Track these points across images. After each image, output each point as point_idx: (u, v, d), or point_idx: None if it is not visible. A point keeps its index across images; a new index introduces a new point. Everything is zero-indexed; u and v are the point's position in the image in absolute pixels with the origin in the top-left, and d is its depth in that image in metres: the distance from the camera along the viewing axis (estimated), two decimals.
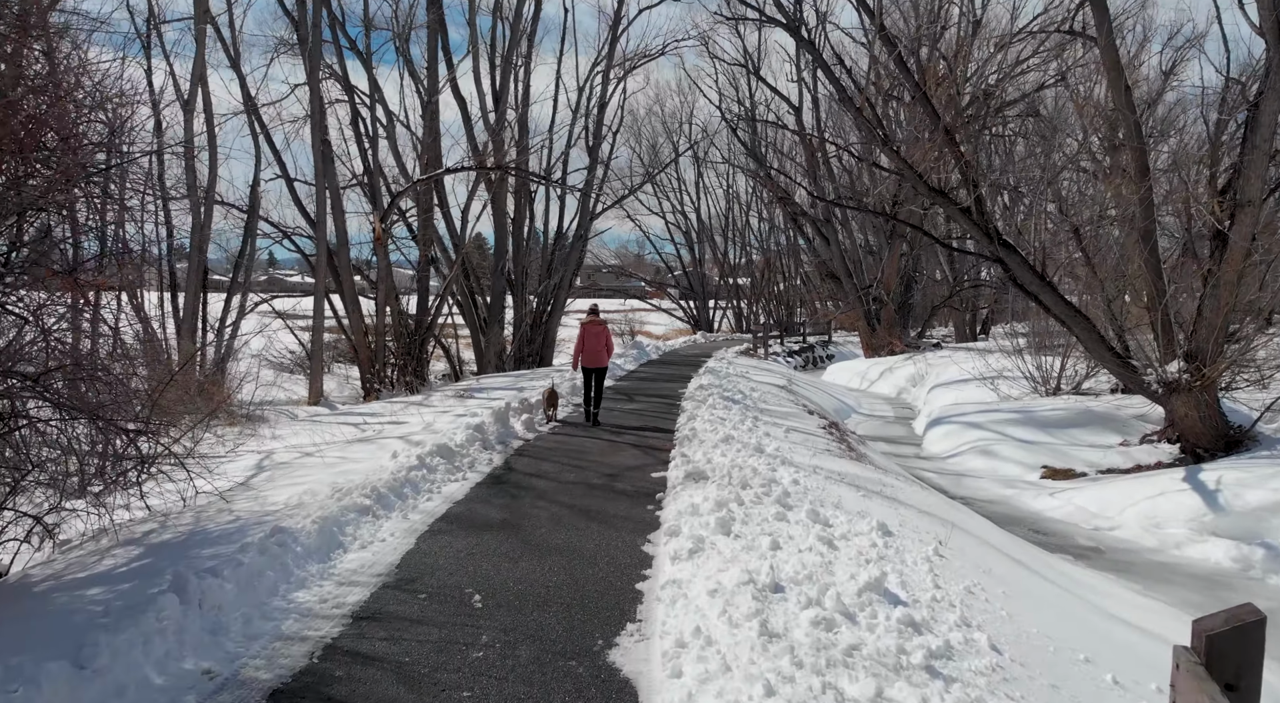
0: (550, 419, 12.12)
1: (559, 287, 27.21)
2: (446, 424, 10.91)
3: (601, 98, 27.17)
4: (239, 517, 6.30)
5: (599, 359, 12.03)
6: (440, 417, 13.00)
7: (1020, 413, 16.33)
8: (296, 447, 10.85)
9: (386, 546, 5.75)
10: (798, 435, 11.01)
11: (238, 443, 12.34)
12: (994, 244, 13.03)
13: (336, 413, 17.00)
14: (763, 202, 51.17)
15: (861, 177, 34.28)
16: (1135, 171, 13.23)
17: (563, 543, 5.89)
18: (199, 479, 6.87)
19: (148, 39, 18.95)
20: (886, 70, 25.40)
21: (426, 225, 22.63)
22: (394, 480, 6.99)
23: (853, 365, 30.70)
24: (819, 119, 33.54)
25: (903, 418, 20.72)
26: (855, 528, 6.20)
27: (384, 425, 12.89)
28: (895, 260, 31.29)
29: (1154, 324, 13.36)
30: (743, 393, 14.81)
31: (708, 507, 6.19)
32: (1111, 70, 13.19)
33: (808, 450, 9.75)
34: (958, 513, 8.64)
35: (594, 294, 66.97)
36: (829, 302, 47.17)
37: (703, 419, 10.96)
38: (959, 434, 16.17)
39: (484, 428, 9.78)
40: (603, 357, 12.07)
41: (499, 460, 8.90)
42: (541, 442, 10.31)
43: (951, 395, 19.73)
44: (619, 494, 7.43)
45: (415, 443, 9.49)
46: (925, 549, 6.04)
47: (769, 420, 11.96)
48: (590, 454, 9.45)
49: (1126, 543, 10.34)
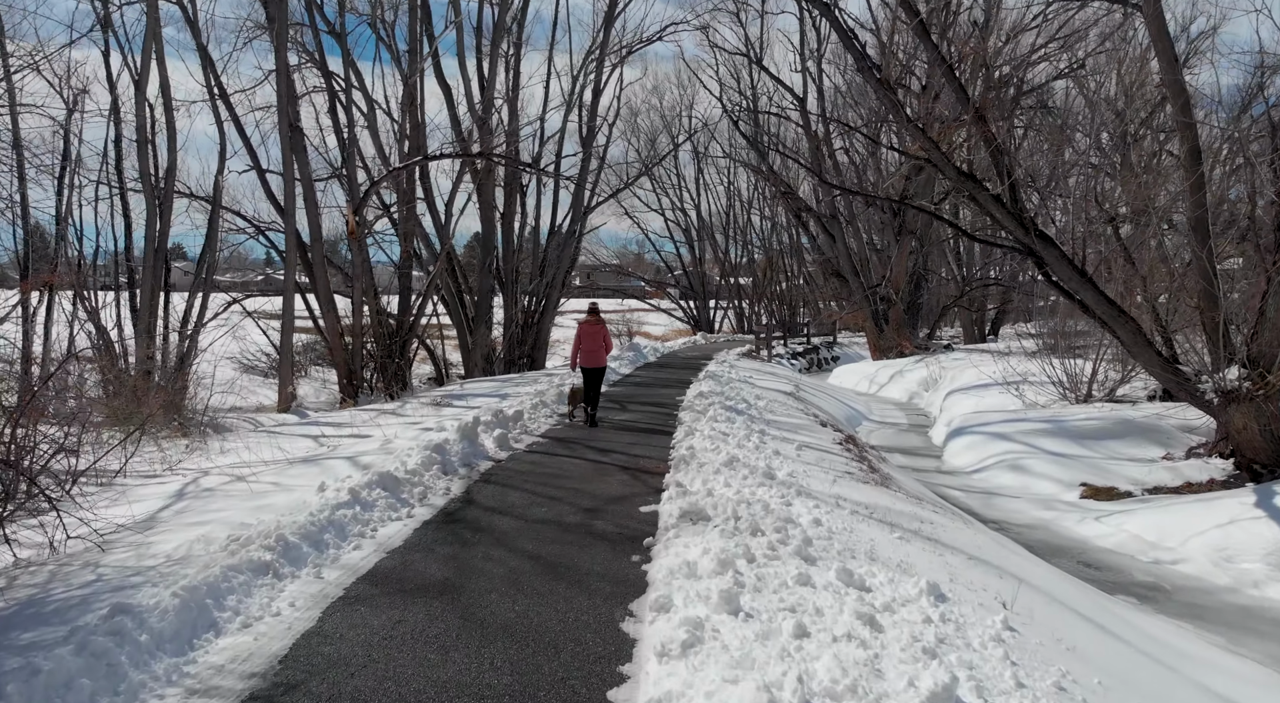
0: (574, 418, 12.25)
1: (551, 285, 25.72)
2: (407, 441, 9.47)
3: (596, 85, 25.69)
4: (101, 576, 4.87)
5: (597, 359, 11.79)
6: (407, 430, 11.56)
7: (1050, 422, 14.88)
8: (237, 466, 9.41)
9: (279, 623, 4.30)
10: (811, 454, 9.56)
11: (177, 461, 10.93)
12: (1029, 235, 11.58)
13: (303, 422, 15.60)
14: (765, 198, 49.71)
15: (868, 172, 32.87)
16: (1186, 155, 11.80)
17: (516, 618, 4.43)
18: (105, 511, 5.44)
19: (105, 18, 17.50)
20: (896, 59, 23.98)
21: (409, 219, 21.18)
22: (312, 524, 5.53)
23: (860, 368, 29.24)
24: (824, 111, 32.07)
25: (917, 426, 19.27)
26: (900, 592, 4.76)
27: (342, 440, 11.46)
28: (904, 258, 29.82)
29: (1205, 325, 11.95)
30: (747, 401, 13.35)
31: (708, 565, 4.74)
32: (1159, 40, 11.75)
33: (825, 474, 8.30)
34: (1007, 554, 7.19)
35: (593, 294, 65.52)
36: (833, 301, 45.74)
37: (702, 435, 9.51)
38: (984, 446, 14.72)
39: (446, 448, 8.32)
40: (600, 357, 11.81)
41: (458, 489, 7.43)
42: (515, 463, 8.84)
43: (971, 402, 18.27)
44: (598, 538, 5.95)
45: (363, 466, 8.05)
46: (992, 621, 4.60)
47: (778, 435, 10.51)
48: (569, 479, 7.99)
49: (1194, 580, 8.89)
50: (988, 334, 38.89)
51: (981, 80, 11.59)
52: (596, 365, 11.85)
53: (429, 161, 18.99)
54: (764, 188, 47.60)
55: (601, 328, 11.87)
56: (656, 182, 48.55)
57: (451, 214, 21.57)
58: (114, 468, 9.56)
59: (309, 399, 23.28)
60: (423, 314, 22.03)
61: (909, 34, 26.80)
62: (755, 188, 49.37)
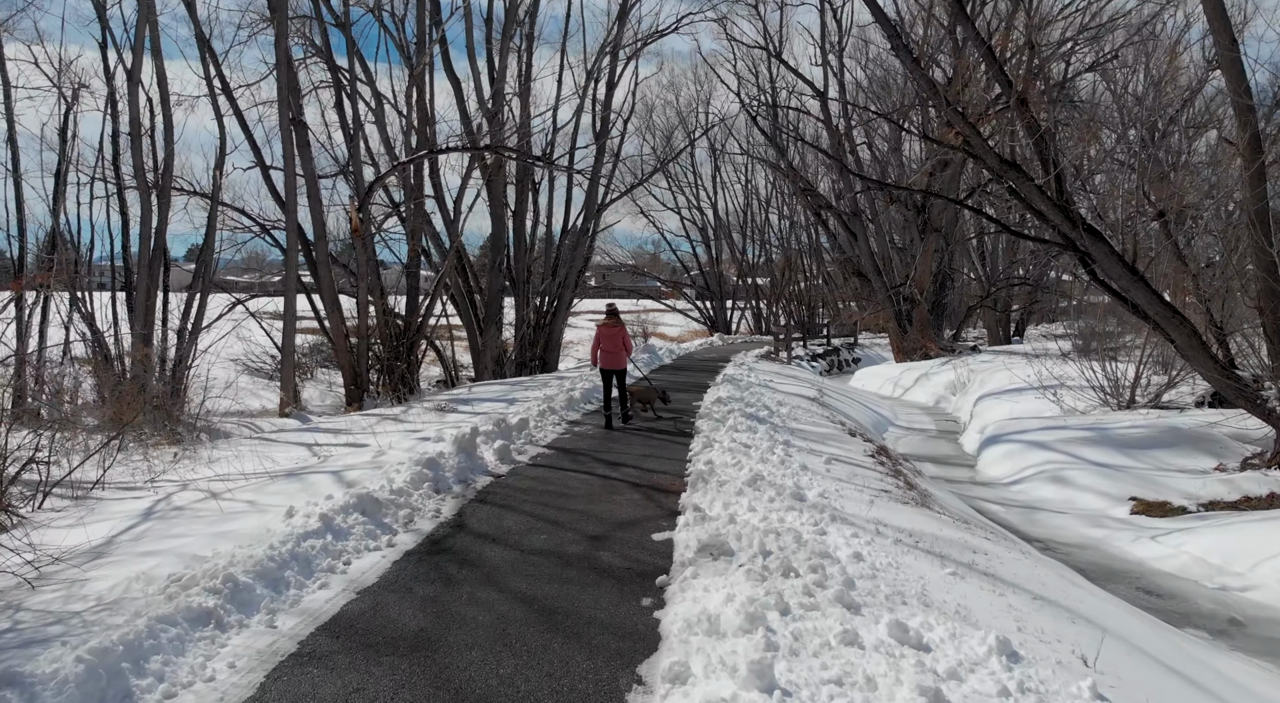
0: (647, 414, 12.54)
1: (564, 284, 24.93)
2: (401, 452, 8.70)
3: (610, 79, 24.89)
4: (16, 624, 4.11)
5: (617, 360, 11.74)
6: (404, 439, 10.82)
7: (1093, 430, 13.94)
8: (219, 479, 8.70)
9: (210, 693, 3.51)
10: (842, 468, 8.72)
11: (161, 472, 10.25)
12: (1076, 230, 10.69)
13: (302, 428, 14.93)
14: (783, 196, 48.74)
15: (889, 169, 31.89)
16: (1246, 143, 10.87)
17: (500, 685, 3.63)
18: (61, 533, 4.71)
19: (101, 5, 16.90)
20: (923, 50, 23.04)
21: (417, 216, 20.47)
22: (271, 559, 4.75)
23: (883, 370, 28.27)
24: (846, 105, 31.11)
25: (947, 432, 18.35)
26: (966, 651, 3.93)
27: (335, 450, 10.74)
28: (929, 257, 28.82)
29: (1266, 327, 11.03)
30: (768, 408, 12.51)
31: (733, 619, 3.92)
32: (1215, 18, 10.85)
33: (860, 494, 7.46)
34: (1074, 590, 6.32)
35: (608, 294, 64.74)
36: (852, 302, 44.68)
37: (722, 447, 8.70)
38: (1021, 455, 13.82)
39: (440, 462, 7.55)
40: (620, 359, 11.78)
41: (450, 511, 6.64)
42: (515, 478, 8.04)
43: (1005, 408, 17.32)
44: (602, 575, 5.14)
45: (348, 483, 7.29)
46: (1078, 688, 3.77)
47: (804, 446, 9.67)
48: (574, 499, 7.19)
49: (1267, 610, 7.99)
50: (1012, 336, 37.80)
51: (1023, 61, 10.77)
52: (616, 367, 11.78)
53: (436, 155, 18.25)
54: (782, 186, 46.65)
55: (621, 330, 11.81)
56: (672, 180, 47.72)
57: (460, 211, 20.83)
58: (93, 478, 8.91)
59: (314, 403, 22.62)
60: (431, 315, 21.29)
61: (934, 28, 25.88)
62: (773, 186, 48.44)
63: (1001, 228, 12.98)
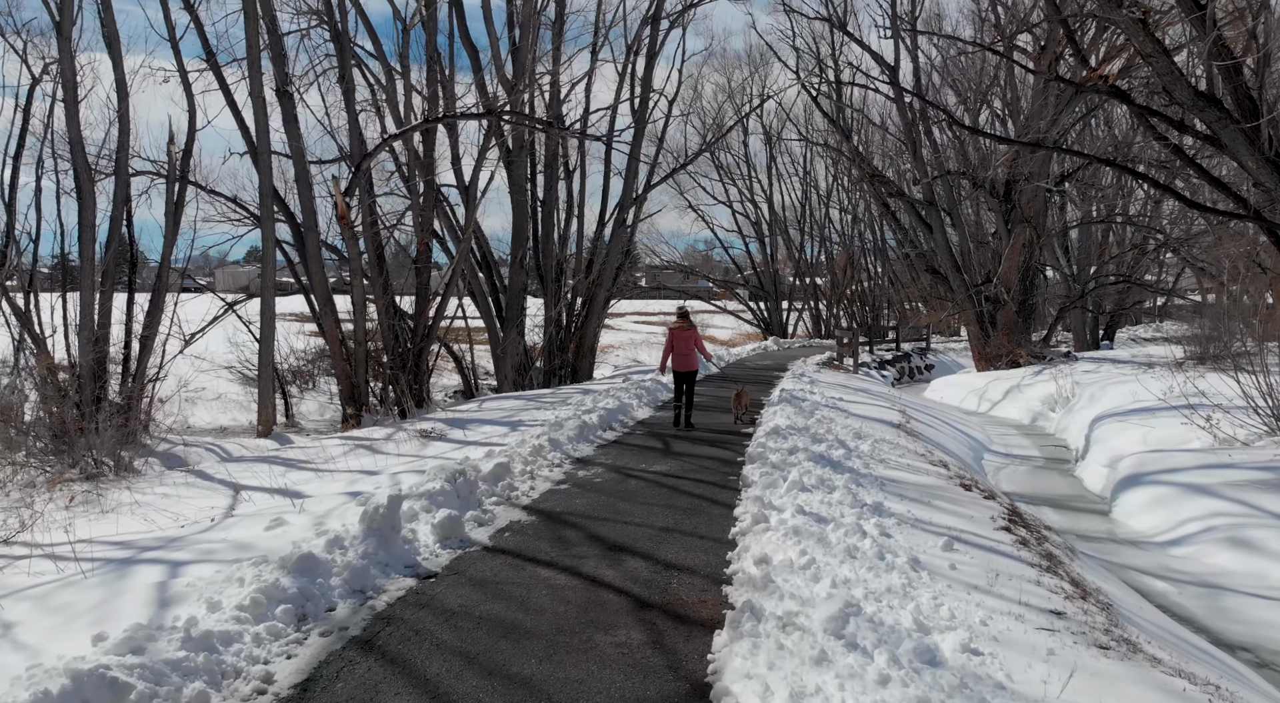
0: (742, 422, 12.01)
1: (598, 283, 21.97)
2: (305, 526, 5.85)
3: (651, 48, 21.88)
4: None
5: (689, 362, 11.67)
6: (346, 486, 8.01)
7: (1272, 471, 10.52)
8: (46, 553, 6.01)
9: None
10: (970, 560, 5.58)
11: (32, 523, 7.72)
12: None
13: (279, 449, 12.40)
14: (844, 189, 45.12)
15: (968, 149, 28.23)
16: None
17: None
18: None
19: None
20: None
21: (427, 203, 17.78)
22: None
23: (964, 380, 24.72)
24: (920, 81, 27.62)
25: (1055, 460, 14.90)
26: None
27: (256, 498, 8.03)
28: (1017, 251, 25.17)
29: None
30: (844, 445, 9.34)
31: None
32: None
33: (1020, 625, 4.34)
34: None
35: (658, 295, 61.72)
36: (919, 302, 40.90)
37: (783, 524, 5.64)
38: (1177, 504, 10.46)
39: (327, 558, 4.65)
40: (692, 360, 11.72)
41: (287, 680, 3.71)
42: (452, 583, 4.99)
43: (1136, 434, 13.80)
44: None
45: (165, 601, 4.46)
46: None
47: (905, 515, 6.53)
48: (527, 640, 4.19)
49: None
50: (1101, 339, 33.80)
51: None
52: (689, 369, 11.69)
53: (437, 123, 15.46)
54: (843, 177, 43.06)
55: (693, 332, 11.76)
56: (724, 171, 44.46)
57: (474, 195, 18.02)
58: None
59: (311, 417, 20.06)
60: (442, 316, 18.57)
61: None
62: (834, 178, 44.81)
63: (1180, 199, 9.65)
